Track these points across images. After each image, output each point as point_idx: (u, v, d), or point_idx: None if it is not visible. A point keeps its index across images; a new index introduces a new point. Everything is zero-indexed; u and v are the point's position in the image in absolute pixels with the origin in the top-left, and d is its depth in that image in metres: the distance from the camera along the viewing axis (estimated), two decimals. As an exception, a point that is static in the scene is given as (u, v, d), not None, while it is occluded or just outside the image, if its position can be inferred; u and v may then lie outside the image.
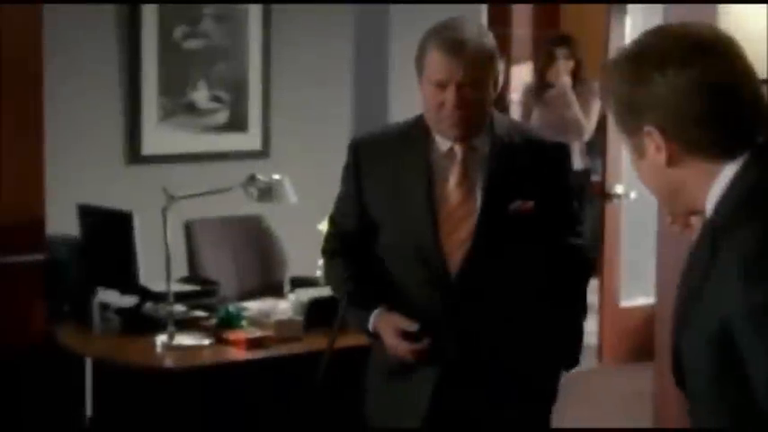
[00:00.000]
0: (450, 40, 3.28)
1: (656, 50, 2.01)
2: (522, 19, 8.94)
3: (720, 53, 2.00)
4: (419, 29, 3.54)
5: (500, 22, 8.36)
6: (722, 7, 3.90)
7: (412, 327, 3.33)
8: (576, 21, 8.47)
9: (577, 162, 7.33)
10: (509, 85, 9.06)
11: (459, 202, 3.37)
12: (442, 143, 3.40)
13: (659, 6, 6.51)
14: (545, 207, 3.39)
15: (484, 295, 3.35)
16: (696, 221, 2.31)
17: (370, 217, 3.49)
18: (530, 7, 8.59)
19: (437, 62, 3.29)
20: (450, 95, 3.27)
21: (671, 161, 2.01)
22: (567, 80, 7.58)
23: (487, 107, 3.38)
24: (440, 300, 3.36)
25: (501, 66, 3.41)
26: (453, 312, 3.35)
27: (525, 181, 3.38)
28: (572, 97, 7.55)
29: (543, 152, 3.45)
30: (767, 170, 1.97)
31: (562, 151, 3.53)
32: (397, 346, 3.35)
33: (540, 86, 7.77)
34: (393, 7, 6.94)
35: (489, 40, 3.33)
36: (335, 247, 3.59)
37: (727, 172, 1.98)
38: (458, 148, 3.38)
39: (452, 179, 3.38)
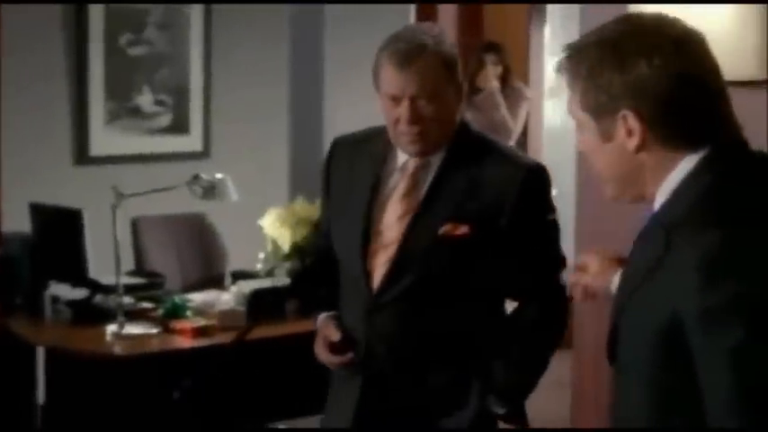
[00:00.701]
0: (401, 51, 2.96)
1: (642, 39, 2.02)
2: (447, 24, 9.12)
3: (697, 48, 2.04)
4: (352, 28, 3.47)
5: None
6: (633, 7, 3.87)
7: (334, 337, 3.15)
8: (498, 26, 8.71)
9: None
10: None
11: (397, 217, 3.07)
12: (402, 155, 3.09)
13: (576, 12, 6.72)
14: (504, 236, 3.01)
15: (404, 316, 3.06)
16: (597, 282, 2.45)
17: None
18: (455, 13, 8.78)
19: (389, 76, 2.98)
20: (403, 110, 2.97)
21: (640, 146, 2.02)
22: (495, 85, 7.79)
23: (449, 120, 3.05)
24: (363, 314, 3.10)
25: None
26: (373, 329, 3.09)
27: (474, 202, 3.01)
28: (500, 100, 7.77)
29: (510, 174, 3.02)
30: (723, 171, 1.99)
31: (537, 176, 3.07)
32: (321, 355, 3.20)
33: (471, 91, 7.97)
34: (327, 7, 7.11)
35: (447, 47, 3.01)
36: (317, 244, 3.43)
37: (686, 164, 2.01)
38: (411, 162, 3.08)
39: (397, 193, 3.09)
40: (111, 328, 4.86)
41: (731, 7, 2.72)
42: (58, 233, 5.30)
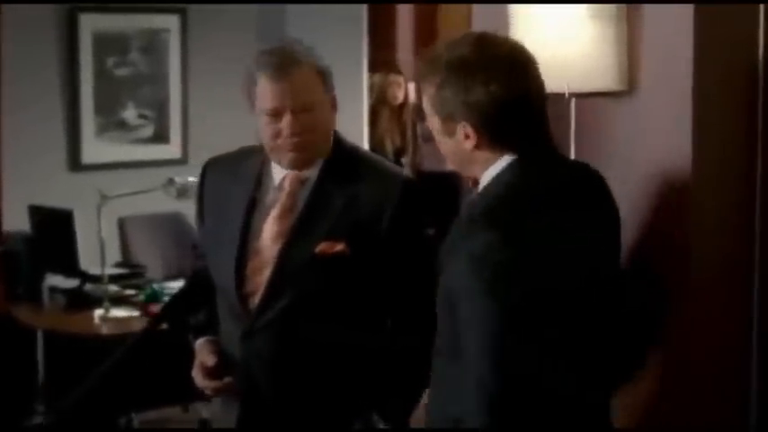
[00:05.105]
0: (275, 64, 2.76)
1: (484, 65, 2.25)
2: (405, 44, 9.31)
3: (529, 71, 2.29)
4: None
5: (385, 46, 8.74)
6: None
7: (209, 361, 2.84)
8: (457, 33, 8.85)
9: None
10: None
11: (274, 237, 2.80)
12: (278, 173, 2.84)
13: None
14: (382, 252, 2.77)
15: (282, 338, 2.77)
16: None
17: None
18: (411, 33, 8.96)
19: (266, 90, 2.77)
20: (285, 125, 2.75)
21: (474, 148, 2.29)
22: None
23: (327, 131, 2.83)
24: (240, 337, 2.81)
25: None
26: (250, 352, 2.80)
27: (351, 218, 2.77)
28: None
29: (387, 189, 2.78)
30: (520, 173, 2.27)
31: (413, 190, 2.83)
32: (198, 380, 2.88)
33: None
34: (288, 28, 7.23)
35: (319, 60, 2.81)
36: (195, 268, 3.07)
37: (502, 162, 2.29)
38: (288, 180, 2.83)
39: (274, 213, 2.82)
40: (99, 312, 5.13)
41: (594, 27, 2.84)
42: (53, 231, 5.54)
